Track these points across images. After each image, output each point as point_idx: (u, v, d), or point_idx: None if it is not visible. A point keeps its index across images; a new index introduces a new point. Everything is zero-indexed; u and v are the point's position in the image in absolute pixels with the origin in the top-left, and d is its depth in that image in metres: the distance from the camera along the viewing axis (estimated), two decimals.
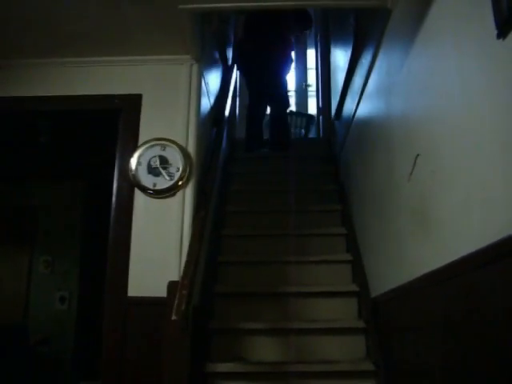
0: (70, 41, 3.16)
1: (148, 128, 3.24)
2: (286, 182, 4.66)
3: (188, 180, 3.13)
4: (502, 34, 1.41)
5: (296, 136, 7.05)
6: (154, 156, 3.12)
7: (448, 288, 1.89)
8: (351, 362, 3.12)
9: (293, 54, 6.20)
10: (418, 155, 2.25)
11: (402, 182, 2.52)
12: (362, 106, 3.65)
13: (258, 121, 5.88)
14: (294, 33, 6.05)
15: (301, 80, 8.80)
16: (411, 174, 2.35)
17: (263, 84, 5.66)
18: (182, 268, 2.81)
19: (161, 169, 3.10)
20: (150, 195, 3.11)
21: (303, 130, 7.27)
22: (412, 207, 2.40)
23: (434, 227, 2.08)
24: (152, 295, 2.91)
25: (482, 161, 1.58)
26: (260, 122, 5.92)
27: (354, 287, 3.55)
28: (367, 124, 3.51)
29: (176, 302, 2.51)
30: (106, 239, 3.12)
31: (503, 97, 1.43)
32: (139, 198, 3.13)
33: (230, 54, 5.84)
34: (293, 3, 3.00)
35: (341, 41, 4.91)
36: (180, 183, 3.10)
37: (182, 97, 3.29)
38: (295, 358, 3.17)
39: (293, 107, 8.07)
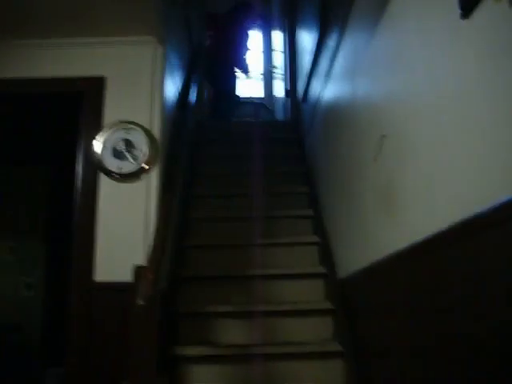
0: (30, 21, 3.09)
1: (112, 111, 3.19)
2: (252, 165, 4.65)
3: (154, 163, 3.10)
4: (465, 14, 1.42)
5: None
6: (119, 139, 3.07)
7: (412, 268, 1.90)
8: (318, 344, 3.14)
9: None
10: (383, 136, 2.26)
11: (367, 163, 2.53)
12: (329, 87, 3.64)
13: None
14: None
15: (267, 62, 8.79)
16: (377, 154, 2.36)
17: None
18: (149, 252, 2.79)
19: (126, 152, 3.05)
20: (116, 179, 3.07)
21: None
22: (377, 188, 2.41)
23: (399, 208, 2.09)
24: (118, 280, 2.88)
25: (445, 140, 1.59)
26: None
27: (321, 269, 3.57)
28: (333, 106, 3.51)
29: (142, 286, 2.49)
30: (72, 224, 3.08)
31: (467, 76, 1.44)
32: (104, 182, 3.09)
33: (196, 36, 5.79)
34: None
35: (307, 22, 4.89)
36: (146, 167, 3.06)
37: (147, 79, 3.24)
38: (263, 341, 3.18)
39: (261, 91, 8.26)
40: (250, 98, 8.28)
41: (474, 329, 1.42)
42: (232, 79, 6.98)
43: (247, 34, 7.06)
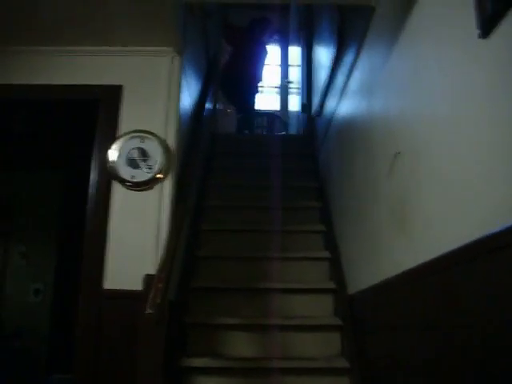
0: (51, 29, 3.12)
1: (128, 120, 3.20)
2: (266, 179, 4.66)
3: (167, 173, 3.10)
4: (484, 34, 1.42)
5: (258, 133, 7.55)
6: (133, 148, 3.09)
7: (424, 286, 1.89)
8: (326, 359, 3.12)
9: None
10: (397, 153, 2.26)
11: (381, 179, 2.53)
12: (344, 103, 3.65)
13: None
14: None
15: (283, 76, 8.82)
16: (390, 172, 2.35)
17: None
18: (159, 261, 2.80)
19: (140, 161, 3.06)
20: (129, 187, 3.08)
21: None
22: (390, 205, 2.40)
23: (412, 225, 2.09)
24: (128, 288, 2.88)
25: (460, 160, 1.59)
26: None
27: (330, 284, 3.56)
28: (348, 122, 3.51)
29: (151, 295, 2.49)
30: (84, 231, 3.09)
31: (484, 96, 1.44)
32: (117, 190, 3.10)
33: (212, 48, 5.84)
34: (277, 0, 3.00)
35: (324, 38, 4.91)
36: (159, 176, 3.07)
37: (163, 89, 3.25)
38: (271, 354, 3.17)
39: (276, 104, 8.33)
40: (266, 110, 8.28)
41: (485, 348, 1.41)
42: (252, 97, 7.03)
43: (266, 51, 7.09)
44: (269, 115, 8.10)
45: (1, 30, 3.13)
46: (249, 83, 6.84)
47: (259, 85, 7.23)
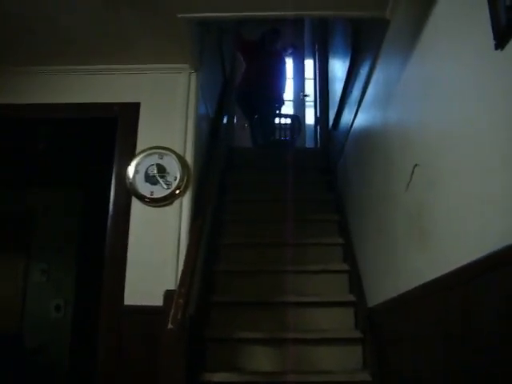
0: (69, 49, 3.17)
1: (146, 136, 3.24)
2: (283, 192, 4.66)
3: (185, 189, 3.13)
4: (499, 45, 1.42)
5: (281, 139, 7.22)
6: (152, 164, 3.12)
7: (445, 298, 1.88)
8: (347, 373, 3.10)
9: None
10: (415, 165, 2.26)
11: (399, 192, 2.52)
12: (360, 116, 3.65)
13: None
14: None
15: (299, 90, 8.83)
16: (409, 184, 2.35)
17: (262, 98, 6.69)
18: (179, 277, 2.81)
19: (158, 177, 3.09)
20: (147, 203, 3.11)
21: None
22: (409, 217, 2.39)
23: (431, 237, 2.08)
24: (148, 304, 2.89)
25: (479, 172, 1.58)
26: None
27: (350, 297, 3.55)
28: (365, 134, 3.51)
29: (172, 310, 2.50)
30: (103, 247, 3.12)
31: (501, 107, 1.44)
32: (136, 206, 3.13)
33: (228, 63, 5.88)
34: (291, 13, 3.01)
35: (339, 51, 4.93)
36: (177, 192, 3.10)
37: (180, 106, 3.29)
38: (291, 368, 3.16)
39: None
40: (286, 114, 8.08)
41: (509, 359, 1.40)
42: (271, 109, 6.92)
43: (283, 63, 7.08)
44: (290, 117, 7.90)
45: (22, 51, 3.19)
46: (265, 96, 6.74)
47: (281, 97, 7.08)
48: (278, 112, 7.06)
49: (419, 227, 2.22)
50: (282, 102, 7.15)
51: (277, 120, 6.97)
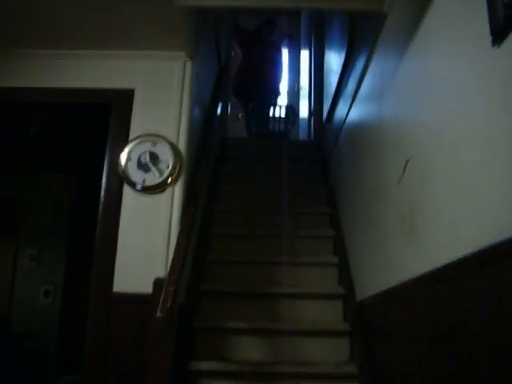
0: (64, 33, 3.15)
1: (139, 123, 3.23)
2: (275, 184, 4.67)
3: (178, 177, 3.12)
4: (496, 41, 1.42)
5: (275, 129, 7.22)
6: (145, 152, 3.11)
7: (433, 293, 1.89)
8: (335, 365, 3.12)
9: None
10: (408, 160, 2.26)
11: (391, 186, 2.53)
12: (355, 109, 3.65)
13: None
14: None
15: (293, 82, 8.81)
16: (401, 178, 2.35)
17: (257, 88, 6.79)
18: (169, 265, 2.81)
19: (151, 165, 3.08)
20: (139, 191, 3.10)
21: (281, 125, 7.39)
22: (400, 211, 2.40)
23: (421, 232, 2.09)
24: (138, 291, 2.89)
25: (471, 167, 1.59)
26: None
27: (339, 290, 3.56)
28: (359, 128, 3.51)
29: (161, 298, 2.50)
30: (94, 234, 3.11)
31: (497, 104, 1.44)
32: (128, 193, 3.12)
33: (223, 52, 5.85)
34: (287, 4, 3.00)
35: (335, 44, 4.92)
36: (169, 180, 3.09)
37: (175, 94, 3.28)
38: (279, 359, 3.18)
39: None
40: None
41: (495, 355, 1.41)
42: (267, 100, 6.99)
43: (280, 54, 7.14)
44: (285, 108, 7.89)
45: (15, 34, 3.16)
46: (262, 86, 6.81)
47: (277, 88, 7.20)
48: (273, 102, 7.08)
49: (410, 221, 2.23)
50: (278, 93, 7.21)
51: (271, 111, 6.98)
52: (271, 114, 7.01)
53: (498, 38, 1.41)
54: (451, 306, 1.73)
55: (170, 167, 3.09)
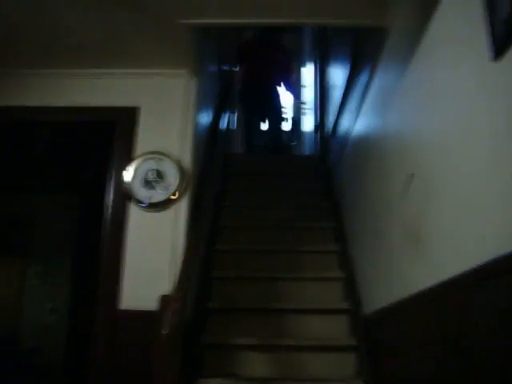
0: (68, 52, 3.18)
1: (144, 141, 3.24)
2: (280, 199, 4.67)
3: (183, 194, 3.13)
4: (497, 56, 1.43)
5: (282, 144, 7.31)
6: (150, 169, 3.12)
7: (441, 307, 1.89)
8: (342, 380, 3.11)
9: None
10: (412, 174, 2.26)
11: (395, 200, 2.53)
12: (358, 124, 3.66)
13: (256, 134, 7.09)
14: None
15: (296, 97, 8.84)
16: (405, 192, 2.36)
17: (264, 110, 6.87)
18: (175, 282, 2.80)
19: (155, 182, 3.09)
20: (145, 208, 3.11)
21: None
22: (405, 225, 2.40)
23: (427, 246, 2.09)
24: (144, 308, 2.88)
25: (475, 181, 1.59)
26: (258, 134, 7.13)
27: (345, 305, 3.55)
28: (363, 142, 3.52)
29: (167, 315, 2.50)
30: (100, 251, 3.11)
31: (498, 118, 1.44)
32: (133, 210, 3.12)
33: (226, 66, 5.88)
34: (289, 21, 3.03)
35: (338, 58, 4.94)
36: (175, 197, 3.10)
37: (179, 111, 3.29)
38: (286, 375, 3.16)
39: (289, 125, 8.24)
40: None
41: (502, 369, 1.41)
42: (277, 99, 6.90)
43: (285, 54, 6.91)
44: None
45: (20, 54, 3.19)
46: (269, 90, 6.73)
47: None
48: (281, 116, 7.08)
49: (415, 235, 2.23)
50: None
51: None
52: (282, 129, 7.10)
53: (497, 52, 1.43)
54: (458, 319, 1.72)
55: (176, 184, 3.10)
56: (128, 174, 3.11)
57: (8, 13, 2.78)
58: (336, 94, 4.83)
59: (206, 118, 3.98)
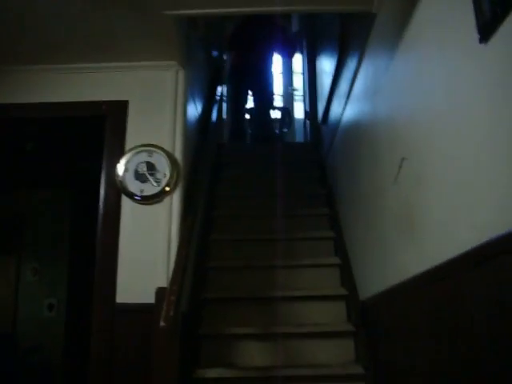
0: (55, 47, 3.15)
1: (135, 134, 3.23)
2: (273, 187, 4.66)
3: (175, 186, 3.12)
4: (484, 39, 1.43)
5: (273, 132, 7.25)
6: (141, 162, 3.11)
7: (434, 290, 1.90)
8: (340, 366, 3.12)
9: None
10: (403, 159, 2.26)
11: (387, 185, 2.53)
12: (349, 109, 3.66)
13: (241, 116, 6.85)
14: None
15: (287, 84, 8.82)
16: (396, 177, 2.36)
17: (251, 79, 6.63)
18: (171, 274, 2.81)
19: (148, 175, 3.09)
20: (138, 201, 3.10)
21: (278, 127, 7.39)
22: (397, 210, 2.41)
23: (419, 230, 2.09)
24: (140, 302, 2.89)
25: (466, 164, 1.59)
26: (243, 116, 6.90)
27: (342, 291, 3.56)
28: (353, 128, 3.52)
29: (164, 308, 2.50)
30: (95, 245, 3.11)
31: (487, 100, 1.45)
32: (126, 204, 3.12)
33: (215, 56, 5.85)
34: (278, 8, 3.01)
35: (327, 45, 4.93)
36: (167, 189, 3.09)
37: (169, 103, 3.28)
38: (284, 363, 3.17)
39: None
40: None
41: (496, 351, 1.42)
42: (268, 101, 6.86)
43: (273, 33, 6.68)
44: (282, 109, 7.78)
45: (7, 50, 3.17)
46: (259, 67, 6.61)
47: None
48: (272, 104, 7.01)
49: (407, 220, 2.24)
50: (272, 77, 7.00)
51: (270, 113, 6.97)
52: (271, 117, 7.00)
53: (484, 35, 1.42)
54: (451, 302, 1.73)
55: (168, 176, 3.09)
56: (120, 168, 3.10)
57: None
58: (326, 81, 4.83)
59: (196, 109, 3.97)
